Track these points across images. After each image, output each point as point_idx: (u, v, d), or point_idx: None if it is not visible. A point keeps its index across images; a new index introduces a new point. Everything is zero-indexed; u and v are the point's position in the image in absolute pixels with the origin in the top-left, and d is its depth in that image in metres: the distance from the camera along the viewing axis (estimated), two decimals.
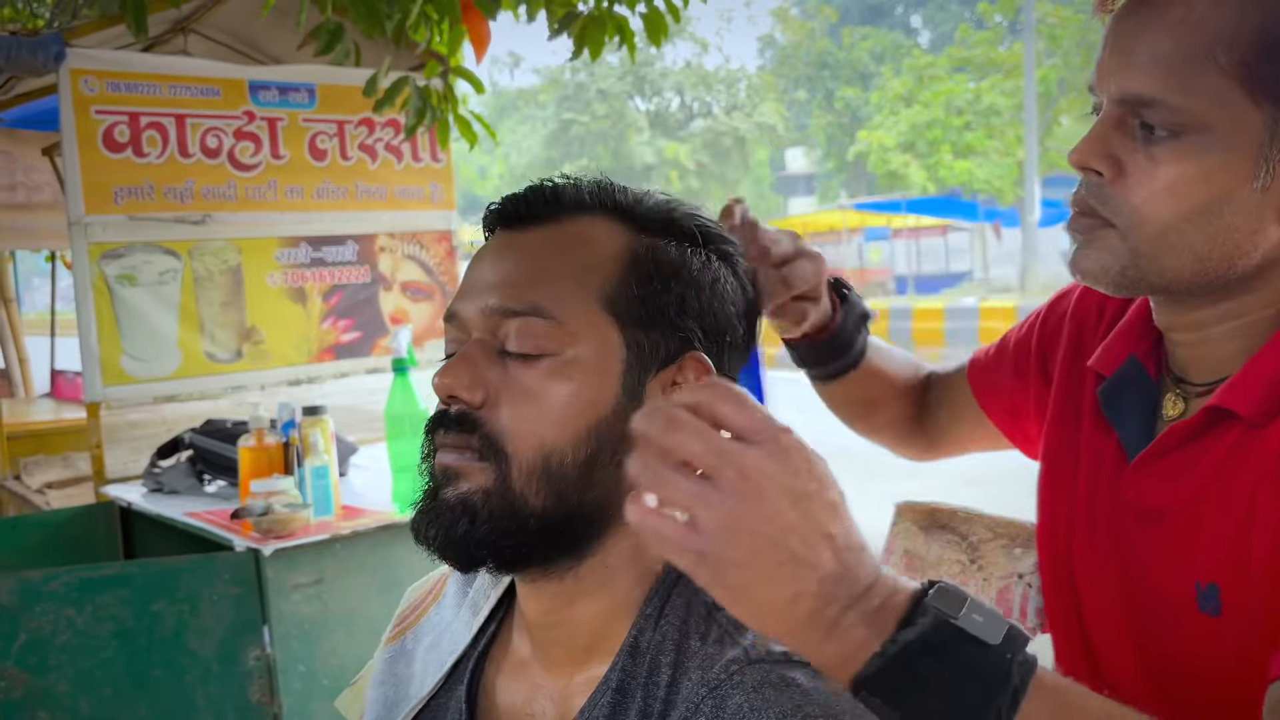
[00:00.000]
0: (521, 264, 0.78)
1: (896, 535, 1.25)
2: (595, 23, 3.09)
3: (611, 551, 0.80)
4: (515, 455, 0.75)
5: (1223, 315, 0.89)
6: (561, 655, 0.82)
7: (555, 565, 0.79)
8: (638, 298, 0.78)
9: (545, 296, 0.76)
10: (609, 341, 0.77)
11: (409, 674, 0.96)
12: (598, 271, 0.78)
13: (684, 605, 0.78)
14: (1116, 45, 0.87)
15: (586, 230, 0.80)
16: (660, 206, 0.82)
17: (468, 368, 0.77)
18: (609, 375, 0.77)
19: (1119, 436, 0.97)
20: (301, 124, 3.40)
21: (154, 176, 3.10)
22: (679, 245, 0.81)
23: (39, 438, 4.43)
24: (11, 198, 4.20)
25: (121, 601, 2.09)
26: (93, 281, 2.99)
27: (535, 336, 0.76)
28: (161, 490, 2.75)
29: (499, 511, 0.75)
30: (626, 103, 35.01)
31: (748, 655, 0.72)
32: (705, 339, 0.80)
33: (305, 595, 2.15)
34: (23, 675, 2.03)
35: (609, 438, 0.76)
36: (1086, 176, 0.89)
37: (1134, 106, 0.85)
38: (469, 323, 0.79)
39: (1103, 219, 0.88)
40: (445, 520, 0.76)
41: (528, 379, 0.76)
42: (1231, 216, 0.84)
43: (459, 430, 0.76)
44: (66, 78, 2.94)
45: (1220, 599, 0.85)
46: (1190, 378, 0.93)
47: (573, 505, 0.76)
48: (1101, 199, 0.87)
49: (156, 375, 3.11)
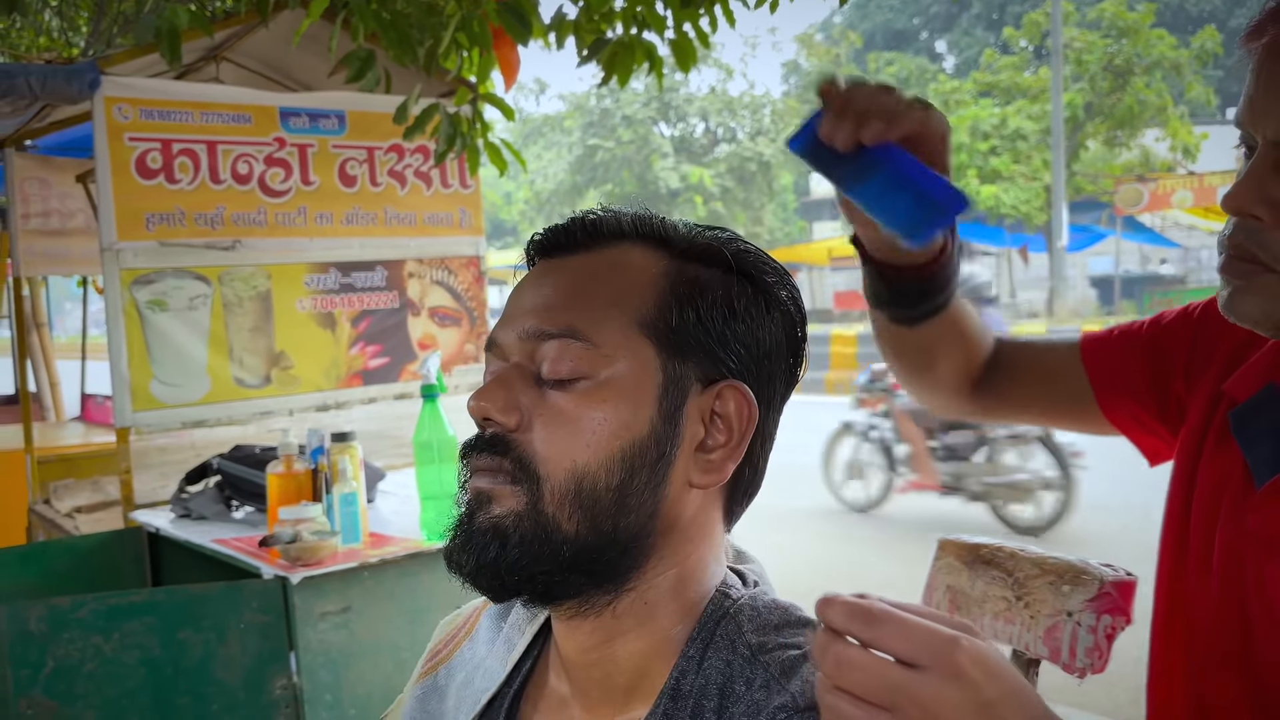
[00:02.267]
0: (559, 289, 0.78)
1: (939, 571, 1.22)
2: (625, 49, 3.09)
3: (650, 585, 0.78)
4: (548, 478, 0.74)
5: None
6: (600, 696, 0.80)
7: (592, 599, 0.77)
8: (676, 323, 0.77)
9: (581, 319, 0.76)
10: (646, 365, 0.76)
11: (441, 711, 0.94)
12: (635, 295, 0.77)
13: (728, 648, 0.76)
14: (1268, 88, 0.84)
15: (625, 256, 0.79)
16: (699, 234, 0.82)
17: (502, 390, 0.76)
18: (645, 398, 0.76)
19: (1248, 461, 0.95)
20: (332, 150, 3.41)
21: (185, 203, 3.12)
22: (718, 272, 0.80)
23: (69, 462, 4.45)
24: (45, 224, 4.24)
25: (149, 629, 2.08)
26: (124, 307, 3.01)
27: (571, 359, 0.75)
28: (189, 516, 2.75)
29: (530, 535, 0.74)
30: (651, 128, 35.14)
31: (796, 702, 0.70)
32: (744, 367, 0.79)
33: (333, 624, 2.13)
34: (50, 703, 2.02)
35: (644, 462, 0.75)
36: (1244, 221, 0.86)
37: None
38: (507, 348, 0.79)
39: (1264, 265, 0.85)
40: (477, 545, 0.75)
41: (562, 402, 0.75)
42: None
43: (492, 453, 0.76)
44: (101, 105, 2.96)
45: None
46: None
47: (606, 532, 0.75)
48: (1261, 244, 0.85)
49: (186, 400, 3.12)
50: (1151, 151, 23.42)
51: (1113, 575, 1.06)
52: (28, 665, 2.02)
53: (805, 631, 0.77)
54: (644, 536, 0.76)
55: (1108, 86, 22.32)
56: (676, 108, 36.06)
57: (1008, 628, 1.12)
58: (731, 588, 0.81)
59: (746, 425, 0.79)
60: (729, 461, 0.79)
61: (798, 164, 36.14)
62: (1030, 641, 1.10)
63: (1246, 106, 0.86)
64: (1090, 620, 1.05)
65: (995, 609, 1.13)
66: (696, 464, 0.78)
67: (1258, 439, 0.95)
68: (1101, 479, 6.71)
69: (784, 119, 35.41)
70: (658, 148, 34.50)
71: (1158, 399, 1.11)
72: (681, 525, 0.78)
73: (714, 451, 0.78)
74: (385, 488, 2.97)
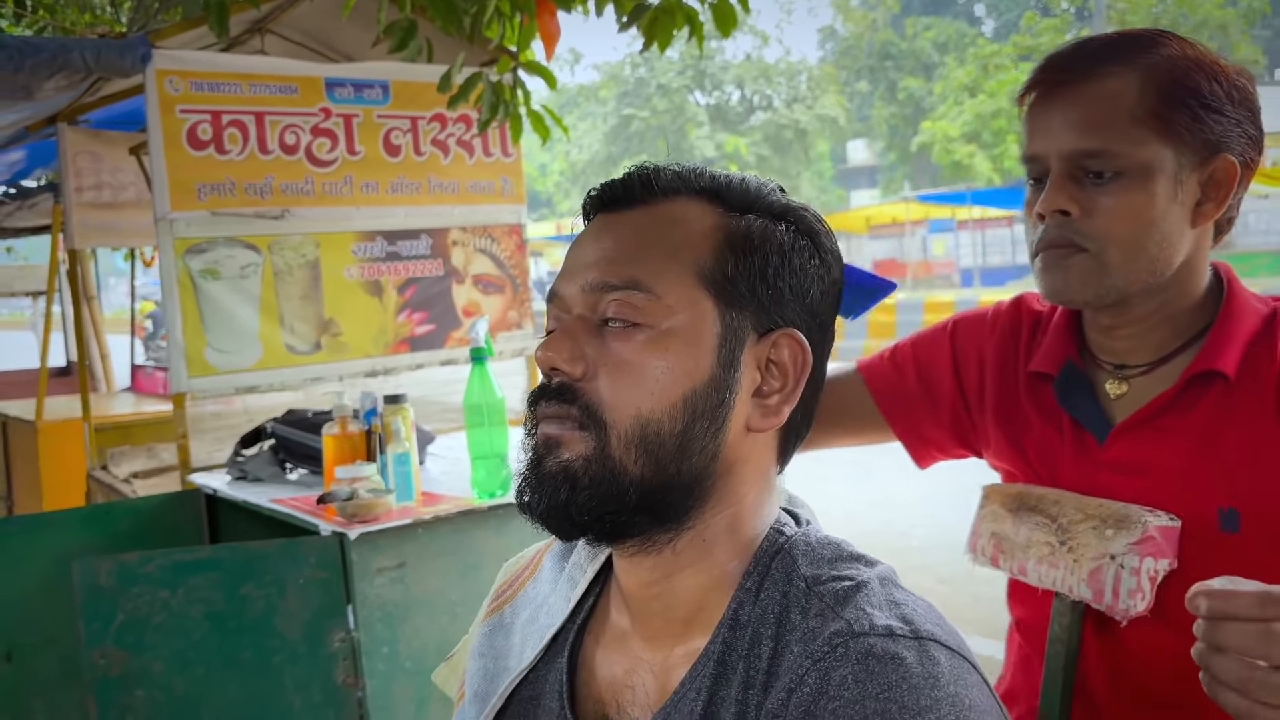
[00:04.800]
0: (620, 242, 0.81)
1: (984, 519, 1.25)
2: (665, 15, 3.10)
3: (709, 524, 0.81)
4: (614, 424, 0.77)
5: (1158, 309, 1.16)
6: (661, 628, 0.84)
7: (654, 537, 0.81)
8: (732, 273, 0.80)
9: (643, 271, 0.79)
10: (705, 315, 0.79)
11: (508, 647, 0.98)
12: (693, 248, 0.80)
13: (784, 579, 0.80)
14: (1052, 121, 1.13)
15: (681, 210, 0.82)
16: (751, 187, 0.84)
17: (568, 341, 0.79)
18: (704, 347, 0.79)
19: (1079, 421, 1.20)
20: (376, 120, 3.46)
21: (235, 173, 3.18)
22: (769, 223, 0.83)
23: (123, 429, 4.56)
24: (98, 196, 4.32)
25: (213, 584, 2.15)
26: (178, 276, 3.08)
27: (633, 310, 0.78)
28: (245, 478, 2.83)
29: (599, 478, 0.77)
30: (686, 97, 34.93)
31: (852, 629, 0.73)
32: (797, 315, 0.82)
33: (388, 579, 2.19)
34: (121, 654, 2.11)
35: (704, 408, 0.79)
36: (1053, 219, 1.13)
37: (1081, 160, 1.11)
38: (570, 300, 0.82)
39: (1077, 246, 1.12)
40: (548, 488, 0.79)
41: (626, 351, 0.78)
42: (1167, 228, 1.11)
43: (560, 401, 0.79)
44: (153, 78, 3.02)
45: (1240, 520, 1.10)
46: (1130, 363, 1.19)
47: (670, 474, 0.78)
48: (1075, 231, 1.12)
49: (238, 367, 3.19)
50: None
51: (1156, 520, 1.09)
52: (99, 618, 2.10)
53: (856, 565, 0.80)
54: (705, 478, 0.80)
55: None
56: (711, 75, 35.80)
57: (1051, 572, 1.15)
58: (785, 525, 0.85)
59: (801, 371, 0.82)
60: (785, 406, 0.82)
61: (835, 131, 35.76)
62: (1074, 584, 1.13)
63: (1034, 141, 1.15)
64: (1133, 563, 1.08)
65: (1039, 554, 1.16)
66: (754, 409, 0.82)
67: (1079, 404, 1.20)
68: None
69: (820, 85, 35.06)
70: (693, 116, 34.28)
71: (932, 406, 1.35)
72: (739, 467, 0.82)
73: (770, 397, 0.82)
74: (434, 450, 3.03)
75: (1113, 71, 1.11)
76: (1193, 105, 1.09)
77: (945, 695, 0.69)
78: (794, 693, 0.72)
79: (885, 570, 0.81)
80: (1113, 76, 1.10)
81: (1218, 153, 1.11)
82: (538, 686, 0.92)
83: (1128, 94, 1.10)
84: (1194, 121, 1.09)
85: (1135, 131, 1.09)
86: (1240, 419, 1.11)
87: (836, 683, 0.70)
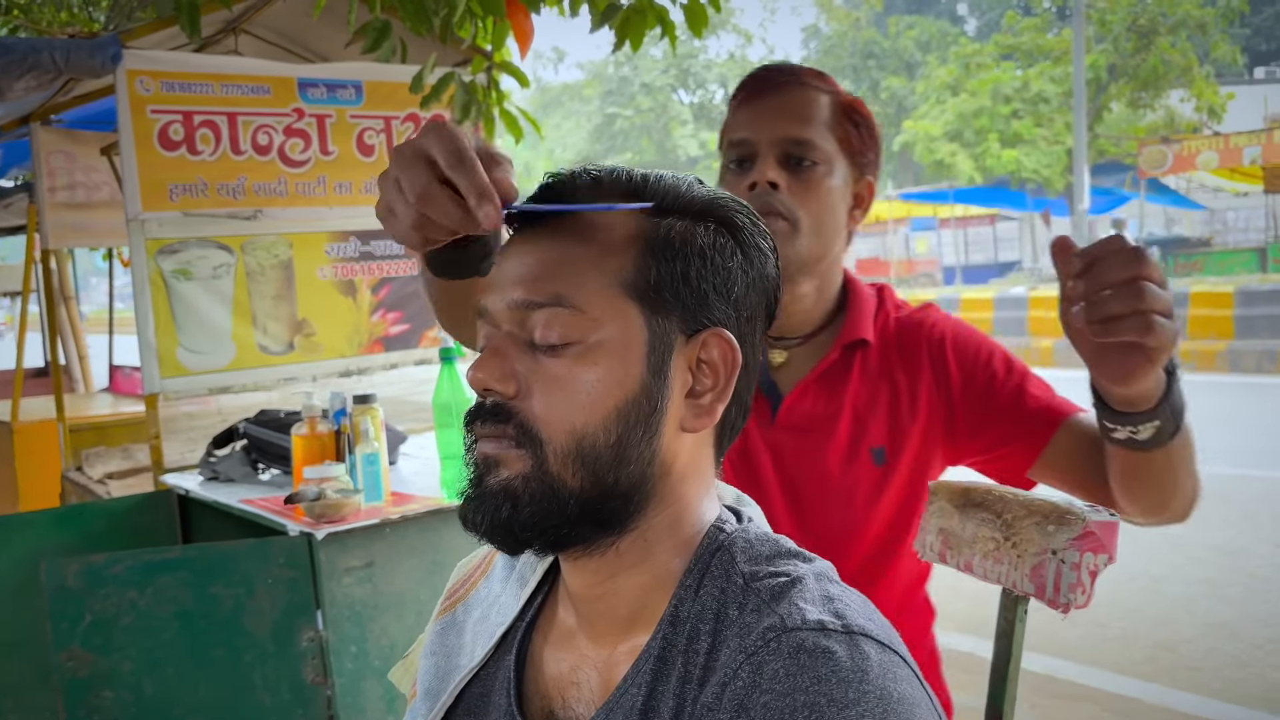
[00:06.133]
0: (542, 257, 0.81)
1: (932, 514, 1.27)
2: (637, 15, 3.11)
3: (650, 525, 0.82)
4: (549, 441, 0.78)
5: (815, 289, 1.41)
6: (605, 627, 0.85)
7: (597, 542, 0.82)
8: (656, 278, 0.80)
9: (566, 286, 0.79)
10: (631, 324, 0.80)
11: (459, 645, 0.99)
12: (615, 257, 0.80)
13: (722, 576, 0.81)
14: (766, 113, 1.37)
15: (602, 217, 0.82)
16: (669, 185, 0.84)
17: (499, 361, 0.80)
18: (634, 357, 0.79)
19: (760, 388, 1.39)
20: (349, 120, 3.46)
21: (207, 174, 3.18)
22: (691, 222, 0.83)
23: (99, 430, 4.55)
24: (72, 196, 4.31)
25: (181, 584, 2.16)
26: (150, 276, 3.08)
27: (560, 326, 0.78)
28: (218, 479, 2.83)
29: (539, 495, 0.78)
30: (670, 96, 34.94)
31: (784, 623, 0.74)
32: (724, 312, 0.83)
33: (357, 578, 2.20)
34: (88, 655, 2.11)
35: (638, 416, 0.79)
36: (763, 189, 1.33)
37: (788, 146, 1.35)
38: (497, 317, 0.82)
39: (779, 214, 1.33)
40: (490, 506, 0.79)
41: (556, 367, 0.79)
42: (838, 219, 1.39)
43: (495, 420, 0.80)
44: (123, 78, 3.02)
45: (886, 455, 1.39)
46: (787, 335, 1.43)
47: (609, 484, 0.79)
48: (777, 201, 1.33)
49: (211, 367, 3.20)
50: (1176, 112, 23.11)
51: (1096, 516, 1.11)
52: (67, 619, 2.11)
53: (793, 561, 0.82)
54: (644, 483, 0.81)
55: (1131, 47, 22.01)
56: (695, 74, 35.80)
57: (997, 567, 1.17)
58: (726, 523, 0.86)
59: (731, 369, 0.83)
60: (718, 404, 0.83)
61: None
62: (1018, 580, 1.15)
63: (745, 129, 1.37)
64: (1074, 558, 1.10)
65: (985, 549, 1.18)
66: (688, 410, 0.82)
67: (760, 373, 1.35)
68: None
69: None
70: (677, 115, 34.28)
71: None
72: (677, 467, 0.83)
73: (703, 396, 0.83)
74: (407, 450, 3.04)
75: (813, 85, 1.39)
76: (861, 131, 1.40)
77: (874, 688, 0.70)
78: (727, 686, 0.73)
79: (822, 566, 0.82)
80: (813, 89, 1.38)
81: (864, 174, 1.42)
82: (487, 684, 0.93)
83: (825, 106, 1.38)
84: (860, 144, 1.40)
85: (828, 135, 1.36)
86: (878, 374, 1.41)
87: (768, 676, 0.72)
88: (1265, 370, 11.04)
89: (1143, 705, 3.62)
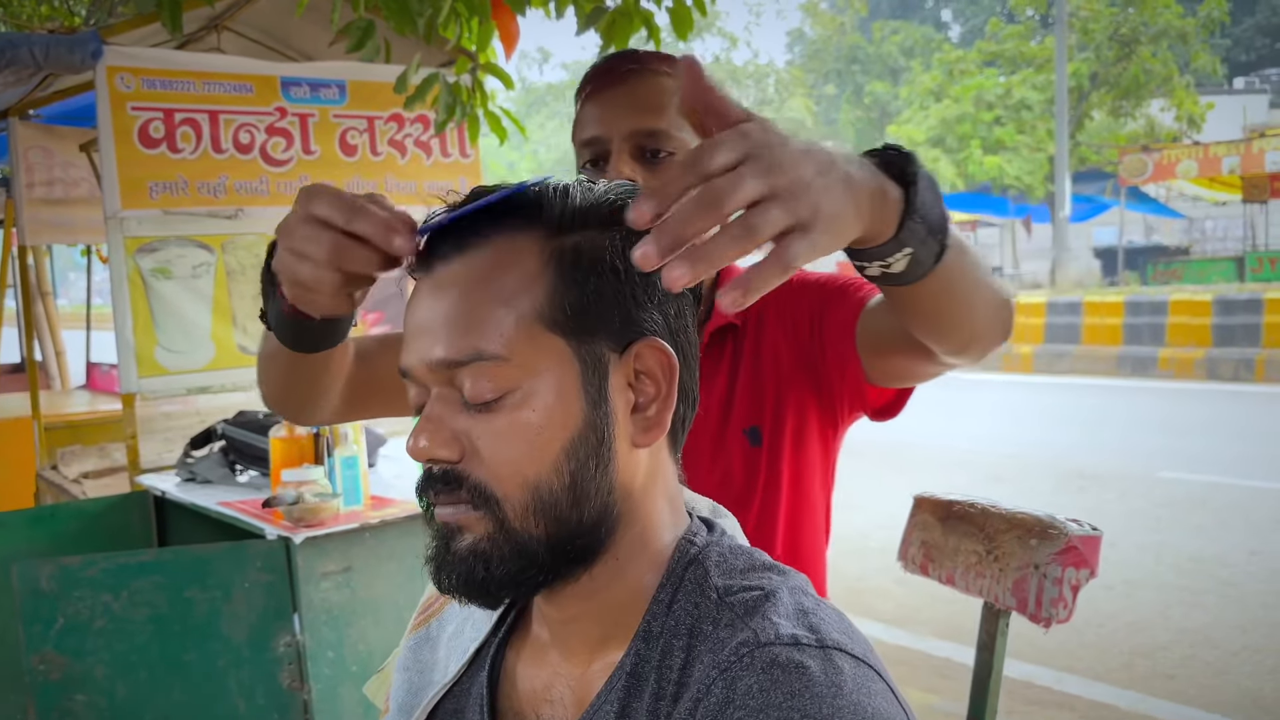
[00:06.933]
0: (453, 307, 0.77)
1: (915, 527, 1.26)
2: (623, 17, 3.10)
3: (619, 545, 0.81)
4: (505, 498, 0.76)
5: None
6: (579, 644, 0.84)
7: (572, 575, 0.81)
8: (575, 305, 0.77)
9: (484, 337, 0.76)
10: (560, 359, 0.77)
11: (433, 660, 0.98)
12: (526, 292, 0.77)
13: (696, 591, 0.80)
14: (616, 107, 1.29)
15: (505, 249, 0.78)
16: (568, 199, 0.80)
17: (435, 428, 0.77)
18: (570, 392, 0.77)
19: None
20: (332, 120, 3.44)
21: (188, 172, 3.15)
22: (597, 233, 0.79)
23: (75, 429, 4.50)
24: (49, 193, 4.27)
25: (157, 588, 2.13)
26: (128, 275, 3.05)
27: (488, 379, 0.76)
28: (195, 480, 2.80)
29: (509, 552, 0.77)
30: None
31: (758, 638, 0.73)
32: (650, 317, 0.80)
33: (335, 583, 2.18)
34: (61, 659, 2.08)
35: (587, 450, 0.77)
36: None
37: (641, 139, 1.28)
38: (422, 378, 0.79)
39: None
40: (462, 570, 0.78)
41: (495, 422, 0.76)
42: None
43: (447, 487, 0.78)
44: (103, 75, 2.99)
45: (761, 435, 1.36)
46: None
47: (574, 523, 0.78)
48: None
49: (190, 367, 3.17)
50: (1156, 121, 23.30)
51: (1078, 530, 1.11)
52: (39, 622, 2.08)
53: (768, 574, 0.81)
54: (608, 511, 0.79)
55: (1113, 56, 22.17)
56: None
57: (979, 580, 1.17)
58: (696, 535, 0.85)
59: (669, 373, 0.81)
60: (665, 412, 0.81)
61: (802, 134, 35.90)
62: (1000, 593, 1.15)
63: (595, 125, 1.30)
64: (1056, 573, 1.10)
65: (967, 562, 1.18)
66: (636, 426, 0.80)
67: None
68: None
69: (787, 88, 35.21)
70: None
71: None
72: (639, 484, 0.82)
73: (648, 408, 0.81)
74: (386, 453, 3.02)
75: (662, 71, 1.31)
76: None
77: (848, 703, 0.70)
78: (701, 702, 0.73)
79: (797, 580, 0.81)
80: (663, 75, 1.31)
81: None
82: (460, 700, 0.92)
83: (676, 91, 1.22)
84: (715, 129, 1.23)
85: (682, 122, 1.27)
86: (748, 357, 1.38)
87: (742, 692, 0.71)
88: (1242, 378, 11.14)
89: (1119, 712, 3.64)
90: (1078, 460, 7.81)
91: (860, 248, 0.84)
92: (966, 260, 0.97)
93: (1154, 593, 4.76)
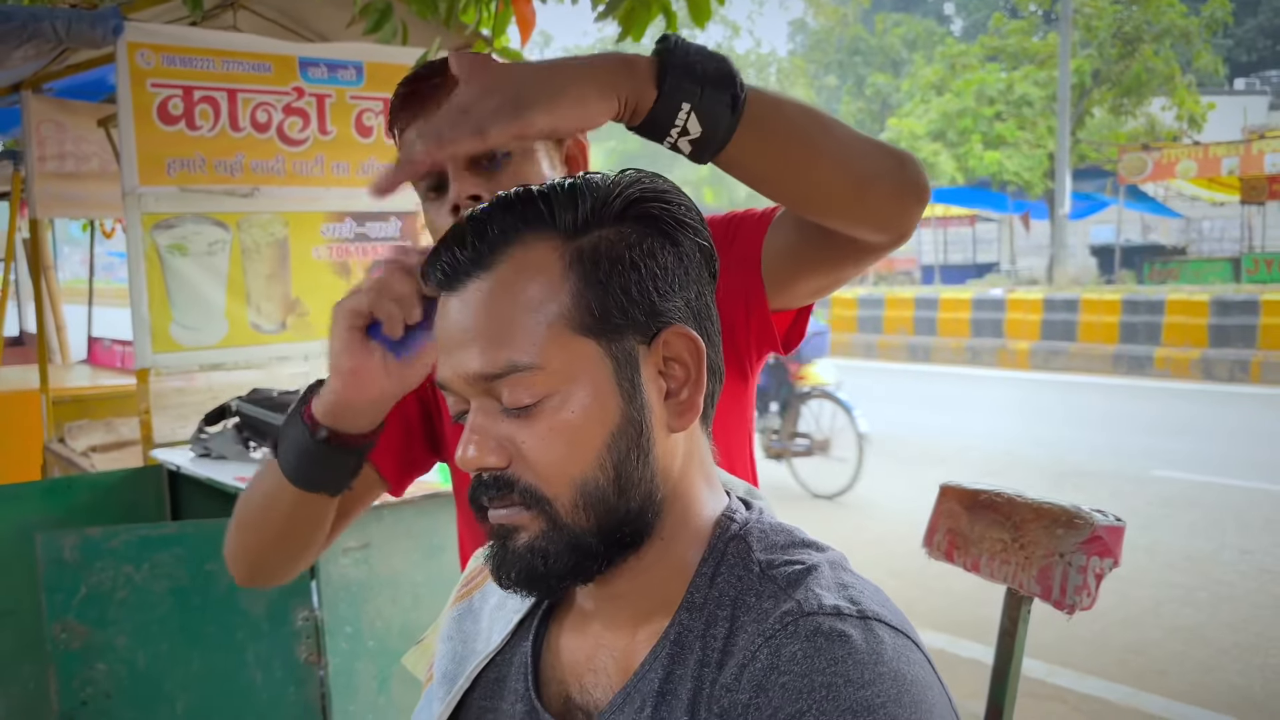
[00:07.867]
0: (480, 322, 0.80)
1: (941, 515, 1.30)
2: (641, 5, 3.12)
3: (664, 526, 0.85)
4: (555, 498, 0.80)
5: None
6: (624, 617, 0.87)
7: (622, 560, 0.84)
8: (600, 307, 0.80)
9: (516, 350, 0.79)
10: (592, 360, 0.80)
11: (476, 631, 1.01)
12: (552, 299, 0.80)
13: (739, 564, 0.83)
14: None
15: (525, 260, 0.80)
16: (580, 197, 0.82)
17: (481, 438, 0.81)
18: (605, 390, 0.80)
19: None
20: (349, 101, 3.45)
21: (205, 149, 3.16)
22: (611, 231, 0.82)
23: (81, 403, 4.51)
24: (60, 166, 4.26)
25: (177, 560, 2.16)
26: (145, 251, 3.06)
27: (526, 389, 0.79)
28: (209, 456, 2.83)
29: (564, 546, 0.81)
30: None
31: (801, 608, 0.77)
32: (673, 305, 0.83)
33: (353, 559, 2.21)
34: (83, 628, 2.11)
35: (627, 443, 0.81)
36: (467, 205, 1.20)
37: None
38: (460, 390, 0.82)
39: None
40: (522, 565, 0.82)
41: (536, 427, 0.80)
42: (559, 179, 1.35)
43: (499, 492, 0.81)
44: (124, 51, 3.00)
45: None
46: None
47: (622, 513, 0.81)
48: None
49: (204, 344, 3.19)
50: (1157, 120, 23.31)
51: (1103, 520, 1.14)
52: (62, 590, 2.11)
53: (808, 550, 0.84)
54: (652, 496, 0.83)
55: (1116, 54, 22.17)
56: None
57: (1004, 567, 1.21)
58: (735, 512, 0.89)
59: (697, 357, 0.84)
60: (696, 395, 0.84)
61: None
62: (1025, 580, 1.18)
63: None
64: (1081, 561, 1.13)
65: (992, 549, 1.21)
66: (670, 412, 0.84)
67: None
68: None
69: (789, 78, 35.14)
70: None
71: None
72: (678, 466, 0.85)
73: (680, 393, 0.84)
74: None
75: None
76: None
77: (888, 670, 0.73)
78: (746, 668, 0.76)
79: (835, 555, 0.85)
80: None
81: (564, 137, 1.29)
82: (504, 669, 0.95)
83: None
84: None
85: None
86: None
87: (786, 658, 0.75)
88: (1237, 379, 11.21)
89: (1112, 706, 3.69)
90: (1072, 457, 7.87)
91: (641, 122, 0.91)
92: (789, 108, 0.96)
93: (1147, 590, 4.82)
